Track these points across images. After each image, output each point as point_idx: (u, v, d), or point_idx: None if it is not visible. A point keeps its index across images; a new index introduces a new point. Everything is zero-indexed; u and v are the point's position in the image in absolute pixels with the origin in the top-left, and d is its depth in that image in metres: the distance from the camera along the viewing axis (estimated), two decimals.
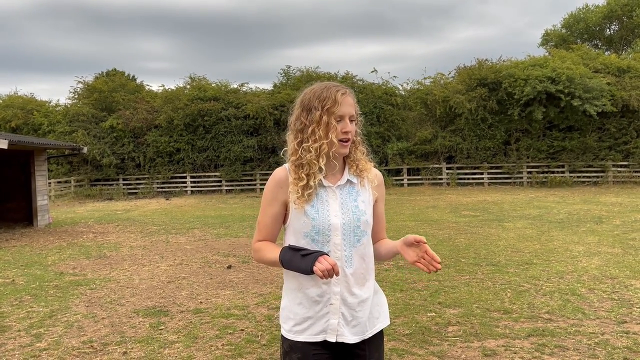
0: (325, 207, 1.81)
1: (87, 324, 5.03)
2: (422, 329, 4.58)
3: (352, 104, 1.84)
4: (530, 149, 22.08)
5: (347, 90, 1.84)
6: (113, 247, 9.64)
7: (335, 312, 1.80)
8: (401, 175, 23.21)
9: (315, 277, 1.76)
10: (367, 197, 1.88)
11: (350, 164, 1.88)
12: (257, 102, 23.40)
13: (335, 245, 1.79)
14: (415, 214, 13.24)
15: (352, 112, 1.83)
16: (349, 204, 1.83)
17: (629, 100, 20.61)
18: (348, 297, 1.81)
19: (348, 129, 1.79)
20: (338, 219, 1.80)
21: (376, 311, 1.91)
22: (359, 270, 1.84)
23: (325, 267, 1.64)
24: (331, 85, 1.83)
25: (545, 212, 12.80)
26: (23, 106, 25.64)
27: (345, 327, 1.81)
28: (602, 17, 39.56)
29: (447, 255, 7.85)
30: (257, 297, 5.83)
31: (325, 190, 1.84)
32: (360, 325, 1.84)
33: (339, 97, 1.78)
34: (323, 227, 1.78)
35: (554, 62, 21.68)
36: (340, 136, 1.79)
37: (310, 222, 1.78)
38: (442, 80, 24.07)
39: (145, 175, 24.11)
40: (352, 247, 1.81)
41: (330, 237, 1.79)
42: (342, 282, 1.80)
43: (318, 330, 1.81)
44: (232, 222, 12.78)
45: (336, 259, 1.79)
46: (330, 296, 1.80)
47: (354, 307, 1.82)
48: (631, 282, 5.98)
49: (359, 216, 1.82)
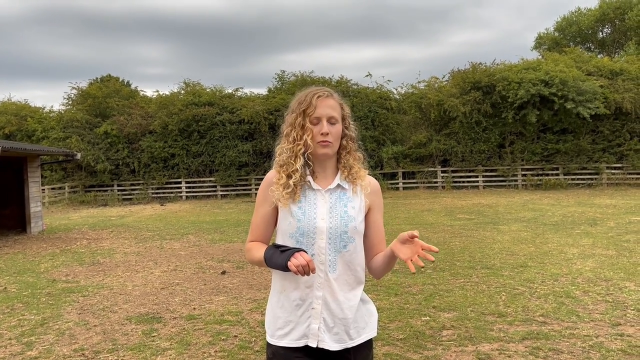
0: (312, 209, 1.81)
1: (79, 331, 4.99)
2: (417, 333, 4.56)
3: (332, 106, 1.83)
4: (524, 151, 22.15)
5: (328, 93, 1.84)
6: (107, 254, 9.58)
7: (317, 317, 1.79)
8: (396, 178, 23.23)
9: (298, 280, 1.78)
10: (358, 204, 1.85)
11: (342, 169, 1.87)
12: (251, 107, 23.39)
13: (320, 249, 1.79)
14: (411, 218, 13.23)
15: (331, 114, 1.81)
16: (338, 208, 1.82)
17: (622, 103, 20.72)
18: (331, 303, 1.79)
19: (324, 130, 1.79)
20: (324, 222, 1.79)
21: (363, 321, 1.87)
22: (343, 277, 1.81)
23: (299, 262, 1.63)
24: (314, 89, 1.86)
25: (539, 215, 12.82)
26: (17, 112, 25.53)
27: (326, 333, 1.79)
28: (594, 21, 39.83)
29: (442, 258, 7.84)
30: (251, 303, 5.80)
31: (315, 193, 1.84)
32: (343, 333, 1.81)
33: (314, 100, 1.81)
34: (308, 230, 1.79)
35: (547, 65, 21.79)
36: (318, 138, 1.80)
37: (295, 223, 1.80)
38: (437, 84, 24.14)
39: (140, 181, 24.03)
40: (337, 252, 1.80)
41: (315, 240, 1.79)
42: (324, 287, 1.79)
43: (299, 335, 1.80)
44: (227, 228, 12.74)
45: (320, 263, 1.78)
46: (312, 300, 1.80)
47: (336, 313, 1.79)
48: (625, 284, 5.99)
49: (347, 222, 1.80)
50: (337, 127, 1.83)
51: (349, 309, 1.81)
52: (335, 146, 1.84)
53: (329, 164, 1.87)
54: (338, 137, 1.84)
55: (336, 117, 1.83)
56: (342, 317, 1.80)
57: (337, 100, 1.86)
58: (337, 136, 1.83)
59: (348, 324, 1.81)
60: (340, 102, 1.88)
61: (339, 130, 1.84)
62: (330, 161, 1.87)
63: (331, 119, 1.82)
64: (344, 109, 1.88)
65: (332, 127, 1.82)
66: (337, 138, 1.84)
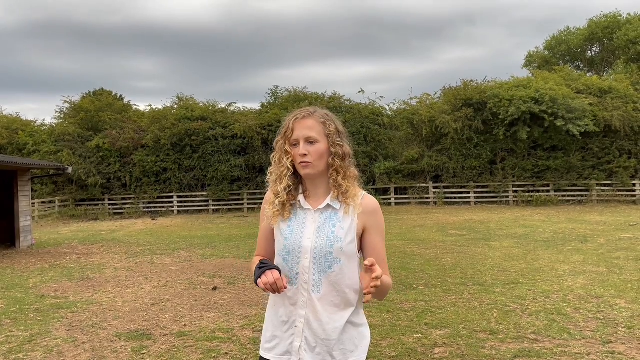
0: (300, 228, 1.83)
1: (67, 348, 4.92)
2: (409, 350, 4.54)
3: (310, 126, 1.82)
4: (515, 168, 22.31)
5: (306, 114, 1.84)
6: (97, 269, 9.49)
7: (299, 335, 1.80)
8: (388, 194, 23.29)
9: (284, 298, 1.83)
10: (348, 225, 1.80)
11: (332, 188, 1.85)
12: (244, 122, 23.43)
13: (304, 268, 1.80)
14: (403, 233, 13.24)
15: (308, 135, 1.81)
16: (326, 229, 1.81)
17: (610, 121, 20.98)
18: (313, 322, 1.79)
19: (301, 151, 1.80)
20: (310, 242, 1.80)
21: (352, 344, 1.82)
22: (328, 297, 1.79)
23: (266, 280, 1.70)
24: (295, 112, 1.88)
25: (531, 231, 12.88)
26: (8, 126, 25.41)
27: (307, 352, 1.79)
28: (583, 40, 40.48)
29: (434, 275, 7.84)
30: (242, 320, 5.75)
31: (305, 213, 1.86)
32: (326, 354, 1.79)
33: (291, 123, 1.84)
34: (293, 248, 1.81)
35: (538, 83, 22.06)
36: (297, 159, 1.82)
37: (283, 242, 1.84)
38: (428, 100, 24.36)
39: (132, 195, 23.89)
40: (323, 272, 1.79)
41: (300, 259, 1.80)
42: (308, 306, 1.80)
43: (283, 351, 1.84)
44: (219, 243, 12.67)
45: (304, 282, 1.80)
46: (295, 318, 1.82)
47: (318, 333, 1.79)
48: (616, 301, 6.01)
49: (333, 242, 1.78)
50: (317, 147, 1.80)
51: (333, 330, 1.78)
52: (317, 165, 1.81)
53: (320, 184, 1.86)
54: (320, 156, 1.81)
55: (314, 137, 1.80)
56: (325, 338, 1.78)
57: (318, 119, 1.83)
58: (317, 155, 1.80)
59: (331, 346, 1.78)
60: (323, 120, 1.84)
61: (320, 149, 1.81)
62: (321, 181, 1.86)
63: (309, 139, 1.80)
64: (328, 127, 1.83)
65: (311, 146, 1.80)
66: (319, 157, 1.81)
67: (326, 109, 1.94)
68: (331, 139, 1.83)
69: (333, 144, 1.83)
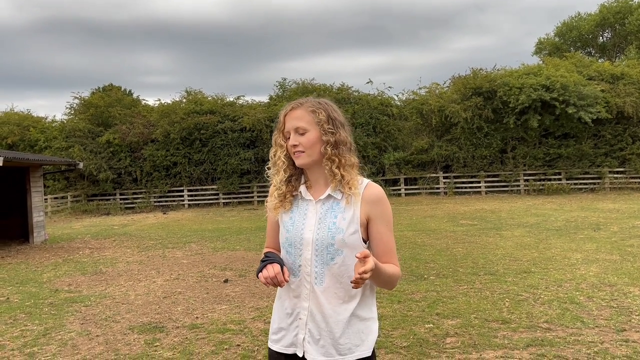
0: (301, 220, 1.82)
1: (82, 341, 4.97)
2: (420, 340, 4.53)
3: (299, 116, 1.80)
4: (526, 156, 22.13)
5: (295, 105, 1.84)
6: (109, 263, 9.57)
7: (303, 327, 1.80)
8: (398, 185, 23.22)
9: (289, 290, 1.83)
10: (350, 215, 1.76)
11: (331, 179, 1.81)
12: (253, 115, 23.44)
13: (306, 260, 1.79)
14: (413, 224, 13.21)
15: (297, 125, 1.79)
16: (327, 220, 1.78)
17: (623, 107, 20.71)
18: (316, 315, 1.78)
19: (292, 142, 1.80)
20: (311, 233, 1.78)
21: (357, 338, 1.78)
22: (331, 289, 1.77)
23: (267, 274, 1.71)
24: (288, 104, 1.89)
25: (542, 220, 12.78)
26: (19, 122, 25.64)
27: (311, 345, 1.78)
28: (594, 25, 39.89)
29: (445, 265, 7.81)
30: (253, 312, 5.78)
31: (307, 204, 1.84)
32: (330, 346, 1.76)
33: (282, 117, 1.85)
34: (295, 240, 1.80)
35: (548, 70, 21.81)
36: (291, 151, 1.82)
37: (285, 234, 1.84)
38: (438, 89, 24.16)
39: (142, 190, 24.05)
40: (325, 264, 1.76)
41: (302, 251, 1.79)
42: (311, 298, 1.79)
43: (288, 343, 1.84)
44: (229, 236, 12.73)
45: (306, 275, 1.79)
46: (300, 310, 1.81)
47: (322, 326, 1.77)
48: (630, 289, 5.95)
49: (334, 234, 1.75)
50: (307, 136, 1.78)
51: (336, 323, 1.76)
52: (310, 154, 1.79)
53: (320, 174, 1.83)
54: (311, 145, 1.78)
55: (304, 127, 1.78)
56: (328, 331, 1.76)
57: (308, 108, 1.80)
58: (308, 144, 1.78)
59: (335, 338, 1.76)
60: (313, 108, 1.80)
61: (311, 139, 1.78)
62: (320, 171, 1.83)
63: (298, 130, 1.79)
64: (318, 115, 1.79)
65: (302, 136, 1.79)
66: (311, 146, 1.78)
67: (325, 99, 1.90)
68: (322, 127, 1.79)
69: (324, 132, 1.79)
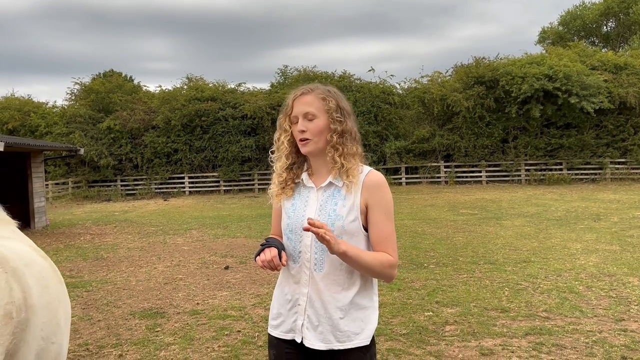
0: (303, 207, 1.83)
1: (83, 326, 5.01)
2: (420, 328, 4.56)
3: (309, 102, 1.79)
4: (528, 146, 22.09)
5: (305, 91, 1.82)
6: (110, 249, 9.61)
7: (302, 314, 1.81)
8: (399, 174, 23.21)
9: (289, 276, 1.85)
10: (350, 203, 1.76)
11: (332, 166, 1.81)
12: (254, 102, 23.36)
13: (306, 247, 1.80)
14: (414, 213, 13.22)
15: (306, 110, 1.78)
16: (327, 207, 1.79)
17: (626, 97, 20.62)
18: (315, 301, 1.78)
19: (298, 127, 1.79)
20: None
21: (356, 326, 1.78)
22: (331, 276, 1.77)
23: (264, 257, 1.72)
24: (297, 89, 1.87)
25: (543, 210, 12.79)
26: (20, 108, 25.57)
27: (310, 331, 1.78)
28: (598, 14, 39.58)
29: (445, 254, 7.84)
30: (254, 298, 5.81)
31: (308, 191, 1.85)
32: (329, 333, 1.76)
33: (291, 101, 1.83)
34: (296, 227, 1.82)
35: (551, 59, 21.67)
36: (297, 137, 1.81)
37: (286, 220, 1.85)
38: (440, 78, 24.05)
39: (143, 176, 24.06)
40: (324, 251, 1.75)
41: (302, 237, 1.80)
42: (310, 285, 1.79)
43: (287, 329, 1.85)
44: (230, 223, 12.76)
45: (306, 261, 1.80)
46: (299, 296, 1.82)
47: (320, 312, 1.77)
48: (629, 279, 5.97)
49: (334, 221, 1.75)
50: (316, 122, 1.78)
51: (335, 310, 1.75)
52: (317, 142, 1.79)
53: (323, 161, 1.83)
54: (319, 132, 1.78)
55: (313, 113, 1.78)
56: (327, 317, 1.76)
57: (318, 95, 1.80)
58: (316, 131, 1.78)
59: (334, 325, 1.76)
60: (323, 95, 1.80)
61: (319, 125, 1.78)
62: (324, 158, 1.83)
63: (307, 115, 1.78)
64: (328, 102, 1.79)
65: (310, 122, 1.78)
66: (319, 133, 1.78)
67: (332, 87, 1.90)
68: (330, 114, 1.79)
69: (332, 120, 1.79)
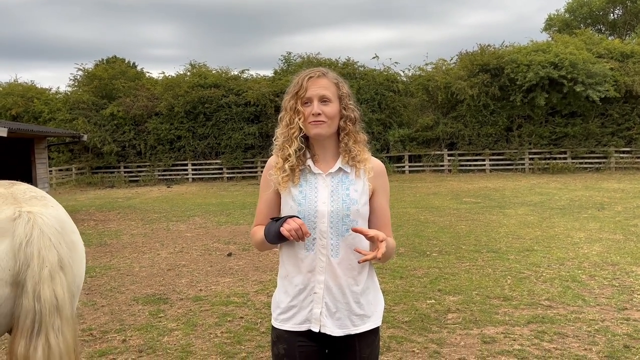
0: (313, 193, 1.80)
1: (87, 311, 5.04)
2: (422, 316, 4.57)
3: (325, 86, 1.79)
4: (532, 135, 21.97)
5: (320, 73, 1.81)
6: (114, 235, 9.65)
7: (319, 302, 1.78)
8: (402, 162, 23.15)
9: (300, 265, 1.79)
10: (361, 187, 1.81)
11: (342, 153, 1.83)
12: (257, 89, 23.28)
13: (322, 233, 1.77)
14: (417, 201, 13.21)
15: (323, 93, 1.77)
16: (340, 192, 1.79)
17: (632, 86, 20.46)
18: (333, 287, 1.77)
19: (315, 110, 1.76)
20: (326, 206, 1.77)
21: (369, 309, 1.83)
22: (346, 261, 1.78)
23: (291, 227, 1.66)
24: (307, 71, 1.83)
25: (546, 199, 12.76)
26: (23, 94, 25.54)
27: (328, 318, 1.78)
28: (605, 2, 39.11)
29: (447, 242, 7.83)
30: (256, 285, 5.83)
31: (316, 177, 1.82)
32: (346, 318, 1.78)
33: (305, 82, 1.79)
34: (309, 214, 1.77)
35: (557, 47, 21.48)
36: (309, 119, 1.77)
37: (296, 207, 1.79)
38: (444, 66, 23.89)
39: (147, 163, 24.09)
40: (340, 236, 1.77)
41: (316, 224, 1.77)
42: (327, 271, 1.77)
43: (302, 320, 1.80)
44: (233, 210, 12.78)
45: (321, 247, 1.77)
46: (314, 285, 1.78)
47: (338, 298, 1.77)
48: (632, 268, 5.96)
49: (349, 205, 1.77)
50: (331, 107, 1.78)
51: (352, 295, 1.78)
52: (330, 125, 1.79)
53: (329, 147, 1.84)
54: (333, 117, 1.79)
55: (329, 97, 1.78)
56: (345, 302, 1.77)
57: (332, 79, 1.81)
58: (331, 115, 1.78)
59: (351, 310, 1.78)
60: (336, 81, 1.82)
61: (334, 110, 1.79)
62: (330, 144, 1.83)
63: (323, 98, 1.77)
64: (341, 89, 1.81)
65: (325, 106, 1.77)
66: (332, 117, 1.78)
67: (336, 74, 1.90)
68: (344, 101, 1.82)
69: (345, 107, 1.81)
